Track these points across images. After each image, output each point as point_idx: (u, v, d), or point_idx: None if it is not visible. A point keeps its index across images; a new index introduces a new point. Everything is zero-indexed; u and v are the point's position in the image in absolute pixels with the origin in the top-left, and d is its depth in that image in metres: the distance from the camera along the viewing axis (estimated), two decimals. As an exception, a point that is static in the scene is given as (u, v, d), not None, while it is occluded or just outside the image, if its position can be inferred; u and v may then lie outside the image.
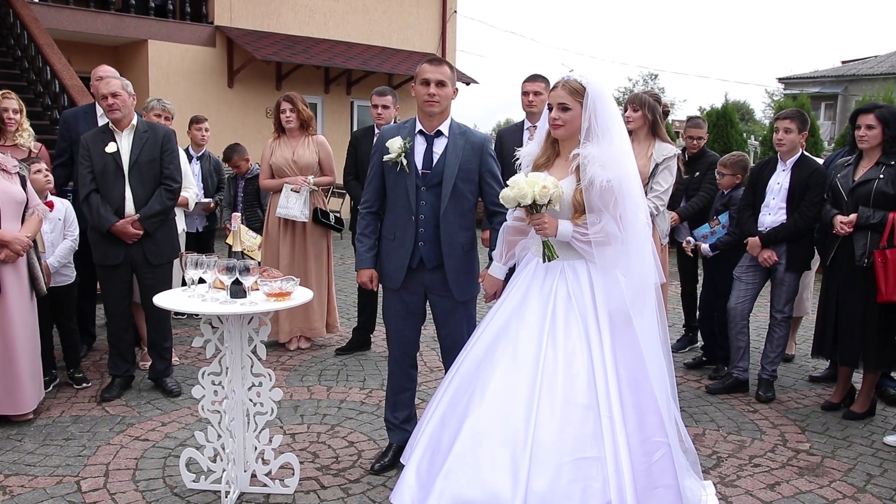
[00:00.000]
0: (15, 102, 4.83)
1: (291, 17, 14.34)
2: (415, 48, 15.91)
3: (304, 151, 5.56)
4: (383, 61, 14.70)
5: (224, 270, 3.13)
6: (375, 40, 15.37)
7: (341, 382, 5.11)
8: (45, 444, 4.02)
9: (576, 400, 2.87)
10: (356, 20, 15.19)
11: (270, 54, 13.02)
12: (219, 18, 13.50)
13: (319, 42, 14.39)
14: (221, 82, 13.54)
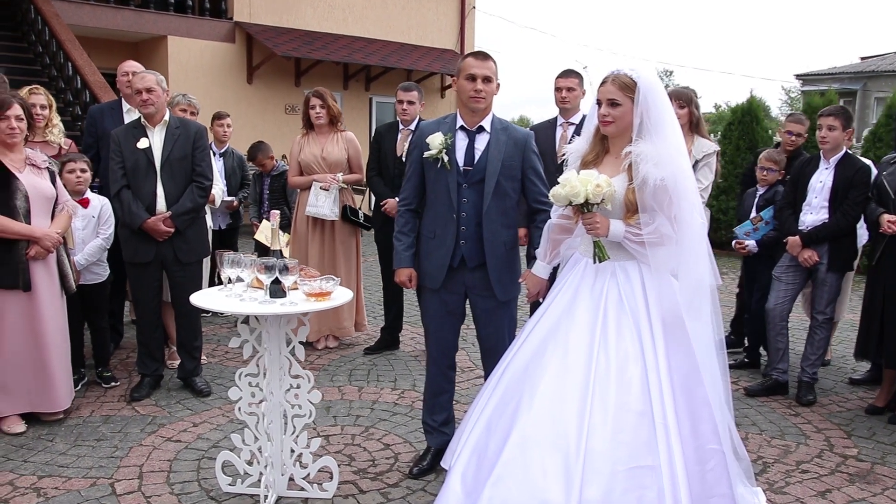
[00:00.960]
0: (43, 98, 4.78)
1: (310, 12, 14.27)
2: (433, 44, 15.81)
3: (334, 148, 5.48)
4: (402, 57, 14.61)
5: (263, 269, 3.05)
6: (394, 36, 15.28)
7: (372, 383, 5.03)
8: (77, 445, 3.96)
9: (629, 406, 2.77)
10: (375, 16, 15.10)
11: (290, 50, 12.96)
12: (238, 14, 13.44)
13: (338, 38, 14.32)
14: (241, 78, 13.49)
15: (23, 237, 4.00)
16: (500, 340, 3.50)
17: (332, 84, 14.53)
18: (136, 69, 5.38)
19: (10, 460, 3.78)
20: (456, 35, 16.29)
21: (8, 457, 3.82)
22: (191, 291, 4.62)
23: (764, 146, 10.52)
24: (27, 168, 4.09)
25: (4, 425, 4.10)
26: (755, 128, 10.82)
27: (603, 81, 3.03)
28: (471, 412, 3.17)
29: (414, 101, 5.35)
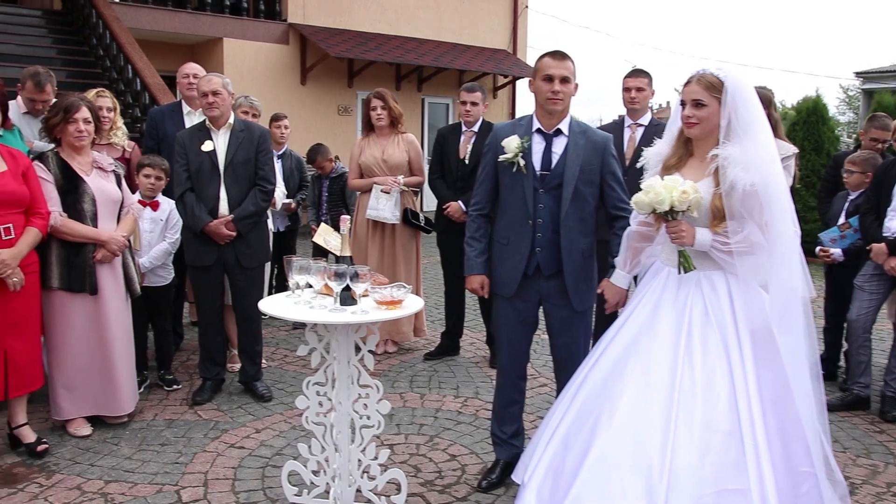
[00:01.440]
0: (109, 101, 4.78)
1: (364, 13, 14.27)
2: (485, 44, 15.70)
3: (394, 150, 5.40)
4: (455, 58, 14.53)
5: (333, 276, 2.97)
6: (446, 36, 15.21)
7: (434, 390, 4.93)
8: (142, 450, 3.94)
9: (717, 425, 2.62)
10: (427, 16, 15.05)
11: (343, 51, 12.97)
12: (292, 16, 13.51)
13: (391, 39, 14.30)
14: (294, 79, 13.55)
15: (90, 241, 4.00)
16: (574, 351, 3.37)
17: (385, 85, 14.43)
18: (198, 72, 5.38)
19: (77, 464, 3.77)
20: (508, 35, 16.15)
21: (75, 460, 3.81)
22: (252, 296, 4.63)
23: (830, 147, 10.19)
24: (94, 171, 4.09)
25: (71, 428, 4.11)
26: (821, 128, 10.47)
27: (687, 81, 2.89)
28: (545, 426, 3.05)
29: (478, 101, 5.24)
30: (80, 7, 11.55)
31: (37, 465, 3.76)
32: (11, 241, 3.64)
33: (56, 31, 11.74)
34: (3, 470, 3.70)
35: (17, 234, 3.67)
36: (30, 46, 10.51)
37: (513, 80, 15.68)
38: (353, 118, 14.37)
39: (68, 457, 3.85)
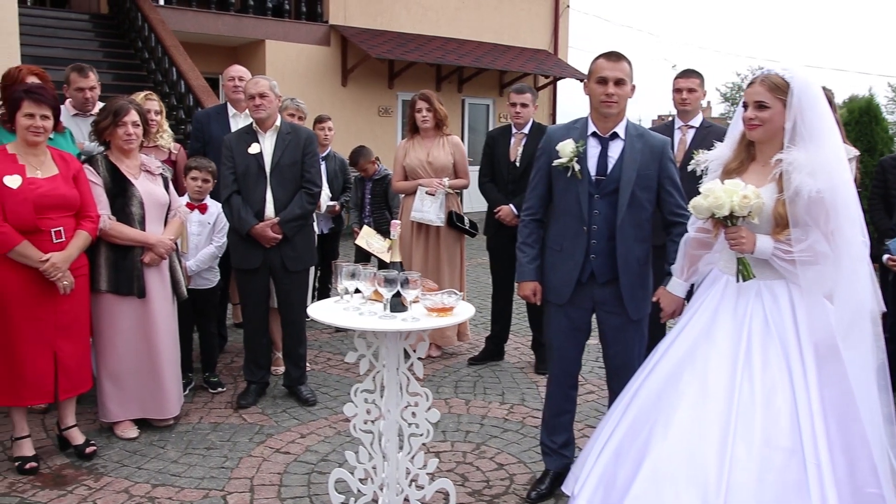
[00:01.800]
0: (156, 104, 4.80)
1: (404, 14, 14.26)
2: (526, 44, 15.59)
3: (440, 152, 5.34)
4: (495, 58, 14.45)
5: (384, 283, 2.91)
6: (487, 37, 15.12)
7: (479, 396, 4.85)
8: (188, 453, 3.93)
9: (777, 442, 2.51)
10: (468, 17, 14.98)
11: (384, 52, 12.96)
12: (333, 17, 13.54)
13: (431, 39, 14.26)
14: (335, 81, 13.58)
15: (138, 243, 4.01)
16: (628, 361, 3.28)
17: (425, 86, 14.42)
18: (243, 74, 5.39)
19: (125, 466, 3.78)
20: (550, 35, 16.02)
21: (122, 462, 3.82)
22: (298, 299, 4.61)
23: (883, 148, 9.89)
24: (142, 174, 4.10)
25: (118, 430, 4.12)
26: (874, 128, 10.15)
27: (751, 82, 2.78)
28: (596, 437, 2.96)
29: (528, 103, 5.16)
30: (126, 11, 11.71)
31: (85, 466, 3.77)
32: (62, 245, 3.65)
33: (103, 34, 11.92)
34: (52, 471, 3.72)
35: (67, 237, 3.68)
36: (77, 50, 10.67)
37: (553, 81, 15.55)
38: (394, 119, 14.36)
39: (116, 459, 3.86)
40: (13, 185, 3.54)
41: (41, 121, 3.59)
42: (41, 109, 3.59)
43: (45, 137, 3.65)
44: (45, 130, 3.62)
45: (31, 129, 3.58)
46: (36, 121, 3.58)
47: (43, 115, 3.60)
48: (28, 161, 3.64)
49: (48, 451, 3.93)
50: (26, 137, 3.60)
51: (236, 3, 13.12)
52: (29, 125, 3.58)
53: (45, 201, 3.60)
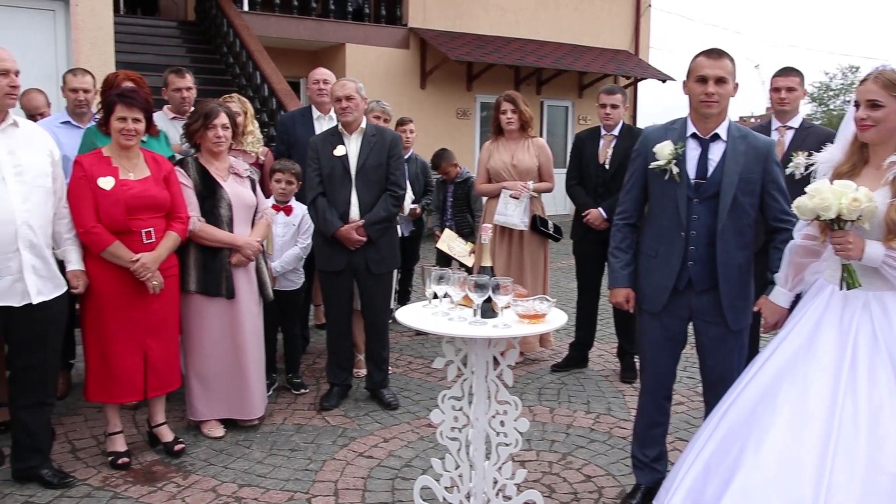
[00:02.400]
0: (238, 106, 4.83)
1: (483, 16, 14.21)
2: (607, 45, 15.33)
3: (524, 155, 5.24)
4: (575, 59, 14.25)
5: (474, 287, 2.84)
6: (566, 38, 14.94)
7: (563, 404, 4.74)
8: (273, 454, 3.95)
9: (883, 467, 2.32)
10: (547, 18, 14.83)
11: (463, 54, 12.94)
12: (413, 20, 13.59)
13: (510, 41, 14.16)
14: (414, 84, 13.62)
15: (226, 245, 4.05)
16: (727, 373, 3.11)
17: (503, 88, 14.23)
18: (328, 77, 5.41)
19: (212, 465, 3.81)
20: (630, 35, 15.72)
21: (209, 461, 3.86)
22: (381, 302, 4.59)
23: None
24: (230, 176, 4.14)
25: (205, 429, 4.17)
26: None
27: (863, 80, 2.61)
28: (689, 450, 2.83)
29: (618, 104, 5.01)
30: (212, 17, 12.01)
31: (174, 464, 3.82)
32: (152, 245, 3.71)
33: (190, 40, 12.26)
34: (143, 467, 3.79)
35: (157, 237, 3.74)
36: (166, 56, 10.98)
37: (634, 82, 15.23)
38: (472, 122, 14.32)
39: (203, 458, 3.90)
40: (106, 187, 3.61)
41: (133, 124, 3.66)
42: (133, 113, 3.66)
43: (137, 140, 3.72)
44: (136, 133, 3.69)
45: (122, 132, 3.66)
46: (128, 124, 3.65)
47: (135, 119, 3.66)
48: (121, 163, 3.71)
49: (139, 446, 4.00)
50: (119, 140, 3.68)
51: (317, 8, 13.31)
52: (121, 128, 3.65)
53: (137, 202, 3.66)
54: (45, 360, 3.52)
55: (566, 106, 15.23)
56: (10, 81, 3.24)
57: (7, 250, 3.23)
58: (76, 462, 3.84)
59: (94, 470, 3.75)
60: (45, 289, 3.39)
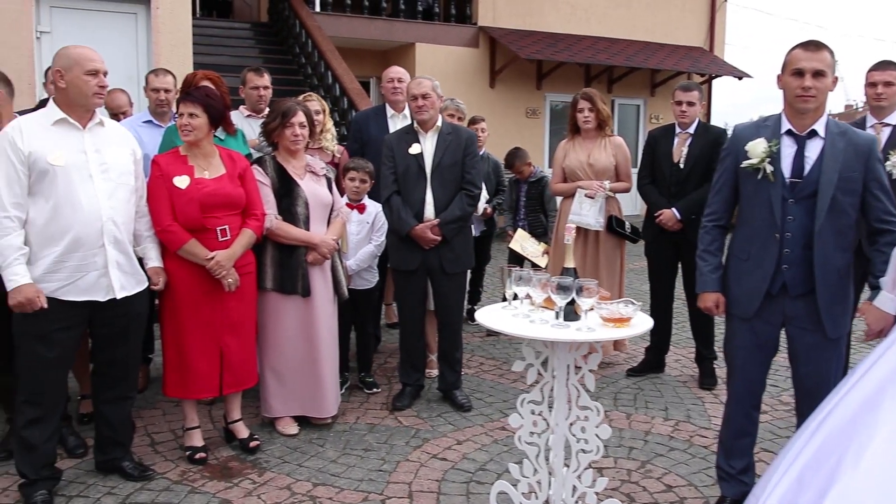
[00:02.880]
0: (317, 104, 4.85)
1: (553, 14, 14.05)
2: (680, 42, 14.97)
3: (601, 154, 5.11)
4: (648, 57, 13.96)
5: (557, 289, 2.76)
6: (638, 35, 14.65)
7: (640, 410, 4.60)
8: (346, 454, 3.93)
9: None
10: (619, 15, 14.57)
11: (533, 53, 12.81)
12: (482, 19, 13.53)
13: (581, 39, 13.97)
14: (483, 83, 13.55)
15: (302, 243, 4.05)
16: (823, 383, 2.95)
17: (573, 86, 14.19)
18: (402, 76, 5.39)
19: (286, 463, 3.82)
20: (705, 31, 15.32)
21: (284, 459, 3.87)
22: (455, 302, 4.54)
23: None
24: (307, 175, 4.15)
25: (279, 426, 4.18)
26: None
27: None
28: (780, 460, 2.67)
29: (694, 101, 4.85)
30: (284, 18, 12.17)
31: (249, 460, 3.85)
32: (227, 243, 3.74)
33: (263, 41, 12.46)
34: (219, 462, 3.82)
35: (232, 235, 3.76)
36: (240, 57, 11.18)
37: (709, 80, 14.84)
38: (541, 121, 14.18)
39: (278, 455, 3.91)
40: (181, 186, 3.66)
41: (188, 118, 3.68)
42: (188, 108, 3.69)
43: (195, 136, 3.70)
44: (193, 129, 3.69)
45: (180, 126, 3.71)
46: (183, 119, 3.69)
47: (191, 114, 3.69)
48: (197, 162, 3.75)
49: (215, 442, 4.04)
50: (180, 136, 3.73)
51: (388, 8, 13.36)
52: (179, 123, 3.70)
53: (211, 200, 3.69)
54: (126, 354, 3.57)
55: (637, 104, 14.94)
56: (99, 81, 3.29)
57: (93, 245, 3.28)
58: (155, 455, 3.90)
59: (173, 463, 3.80)
60: (128, 284, 3.44)
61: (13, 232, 3.16)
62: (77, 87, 3.25)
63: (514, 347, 5.89)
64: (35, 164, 3.18)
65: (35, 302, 3.14)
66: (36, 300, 3.14)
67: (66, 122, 3.29)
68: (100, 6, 7.73)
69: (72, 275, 3.25)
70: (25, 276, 3.14)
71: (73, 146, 3.28)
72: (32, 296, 3.14)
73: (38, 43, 7.58)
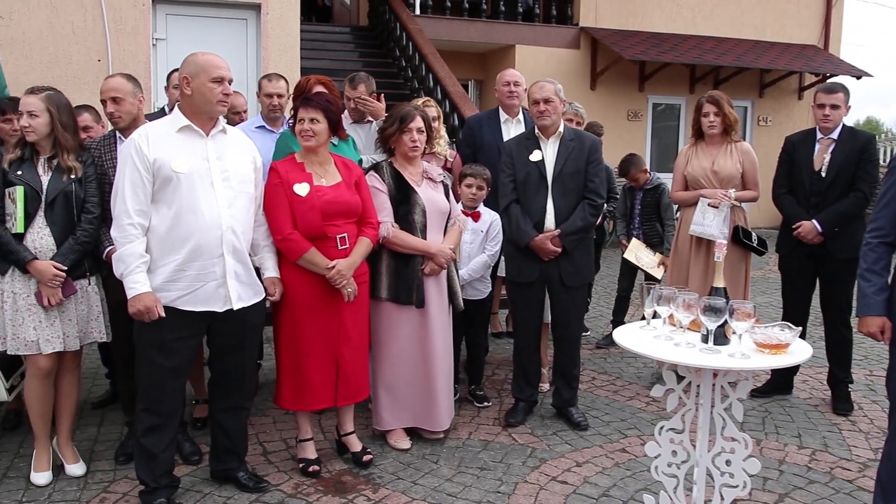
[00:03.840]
0: (434, 110, 4.75)
1: (657, 13, 13.61)
2: (792, 40, 14.27)
3: (727, 161, 4.80)
4: (757, 56, 13.35)
5: (706, 311, 2.54)
6: (747, 33, 14.04)
7: (771, 435, 4.29)
8: (461, 472, 3.79)
9: None
10: (727, 13, 14.00)
11: (637, 53, 12.43)
12: (584, 20, 13.23)
13: (687, 39, 13.48)
14: (584, 85, 13.25)
15: (419, 252, 3.94)
16: None
17: (677, 88, 13.76)
18: (518, 79, 5.23)
19: (400, 479, 3.71)
20: (819, 28, 14.55)
21: (398, 475, 3.75)
22: (574, 316, 4.33)
23: None
24: (424, 181, 4.03)
25: (391, 439, 4.08)
26: None
27: None
28: None
29: (839, 104, 4.49)
30: (385, 22, 12.18)
31: (363, 475, 3.75)
32: (346, 251, 3.65)
33: (362, 45, 12.50)
34: (332, 476, 3.74)
35: (350, 243, 3.67)
36: (341, 60, 11.25)
37: (823, 80, 14.08)
38: (643, 124, 13.76)
39: (391, 470, 3.81)
40: (302, 193, 3.58)
41: (309, 124, 3.61)
42: (308, 113, 3.61)
43: (316, 142, 3.63)
44: (313, 134, 3.62)
45: (300, 132, 3.64)
46: (304, 124, 3.61)
47: (311, 119, 3.61)
48: (314, 169, 3.68)
49: (326, 454, 3.97)
50: (300, 142, 3.65)
51: (487, 10, 13.22)
52: (299, 129, 3.63)
53: (331, 208, 3.61)
54: (242, 365, 3.53)
55: (745, 106, 14.30)
56: (224, 89, 3.26)
57: (213, 255, 3.24)
58: (268, 466, 3.86)
59: (286, 475, 3.74)
60: (244, 295, 3.39)
61: (136, 239, 3.15)
62: (202, 94, 3.22)
63: (627, 362, 5.64)
64: (160, 171, 3.16)
65: (153, 311, 3.13)
66: (154, 309, 3.13)
67: (190, 128, 3.27)
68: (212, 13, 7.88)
69: (191, 284, 3.22)
70: (146, 285, 3.13)
71: (196, 153, 3.25)
72: (151, 304, 3.12)
73: (154, 50, 7.78)
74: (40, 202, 3.47)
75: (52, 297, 3.45)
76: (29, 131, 3.48)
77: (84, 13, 7.53)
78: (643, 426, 4.34)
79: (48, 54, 7.48)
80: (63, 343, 3.54)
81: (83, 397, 4.60)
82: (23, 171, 3.48)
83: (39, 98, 3.49)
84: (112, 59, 7.56)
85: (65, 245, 3.50)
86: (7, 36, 7.27)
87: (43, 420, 3.64)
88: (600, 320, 6.92)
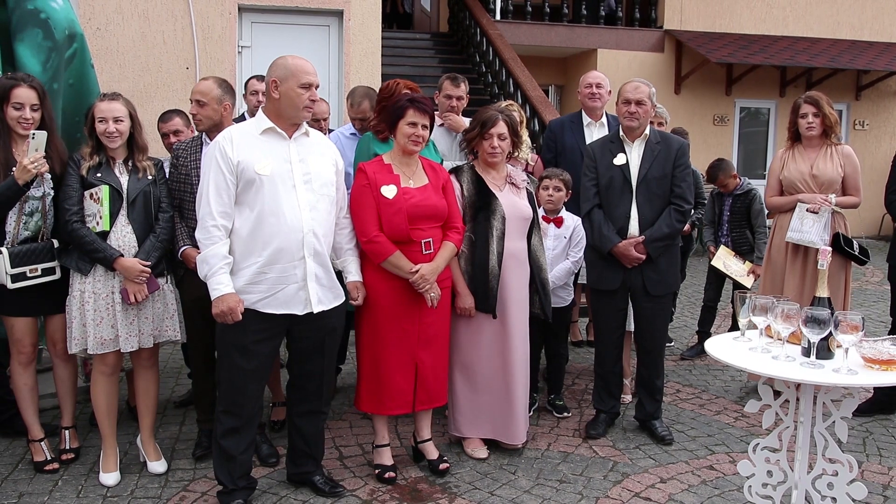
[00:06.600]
0: (518, 115, 4.65)
1: (746, 14, 13.15)
2: (892, 39, 13.57)
3: (826, 164, 4.55)
4: (854, 57, 12.74)
5: (808, 322, 2.37)
6: (843, 33, 13.42)
7: (873, 457, 4.01)
8: (540, 484, 3.68)
9: None
10: (821, 12, 13.42)
11: (724, 56, 12.02)
12: (668, 22, 12.89)
13: (778, 40, 12.98)
14: (668, 88, 12.89)
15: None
16: None
17: (766, 91, 13.26)
18: (602, 81, 5.13)
19: (477, 489, 3.62)
20: (923, 26, 13.79)
21: (474, 485, 3.67)
22: (658, 326, 4.17)
23: None
24: (507, 187, 3.95)
25: (468, 447, 4.00)
26: None
27: None
28: None
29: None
30: (465, 28, 12.16)
31: (439, 483, 3.68)
32: (430, 256, 3.60)
33: (442, 51, 12.52)
34: (408, 483, 3.69)
35: (435, 248, 3.62)
36: (420, 67, 11.28)
37: (925, 81, 13.36)
38: (730, 129, 13.31)
39: (467, 480, 3.72)
40: (389, 195, 3.54)
41: (422, 130, 3.58)
42: (423, 119, 3.58)
43: (422, 147, 3.64)
44: (423, 140, 3.60)
45: (412, 137, 3.58)
46: (418, 129, 3.57)
47: (424, 125, 3.59)
48: (402, 171, 3.64)
49: (402, 460, 3.92)
50: (406, 146, 3.60)
51: (569, 14, 13.04)
52: (411, 133, 3.57)
53: (418, 211, 3.56)
54: (321, 369, 3.51)
55: (840, 110, 13.65)
56: (311, 95, 3.25)
57: (294, 258, 3.23)
58: (344, 470, 3.83)
59: (361, 481, 3.71)
60: (325, 298, 3.36)
61: (220, 241, 3.17)
62: (290, 99, 3.22)
63: (714, 374, 5.41)
64: (243, 174, 3.17)
65: (236, 312, 3.14)
66: (237, 310, 3.14)
67: (273, 131, 3.27)
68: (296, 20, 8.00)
69: (272, 287, 3.22)
70: (229, 286, 3.14)
71: (279, 155, 3.25)
72: (235, 306, 3.13)
73: (239, 57, 7.95)
74: (122, 202, 3.55)
75: (138, 293, 3.51)
76: (115, 137, 3.55)
77: (174, 22, 7.75)
78: (732, 443, 4.13)
79: (140, 62, 7.72)
80: (139, 341, 3.60)
81: (166, 396, 4.69)
82: (101, 174, 3.56)
83: (121, 103, 3.58)
84: (199, 67, 7.75)
85: (147, 242, 3.57)
86: (103, 46, 7.53)
87: (109, 419, 3.71)
88: (685, 331, 6.68)
